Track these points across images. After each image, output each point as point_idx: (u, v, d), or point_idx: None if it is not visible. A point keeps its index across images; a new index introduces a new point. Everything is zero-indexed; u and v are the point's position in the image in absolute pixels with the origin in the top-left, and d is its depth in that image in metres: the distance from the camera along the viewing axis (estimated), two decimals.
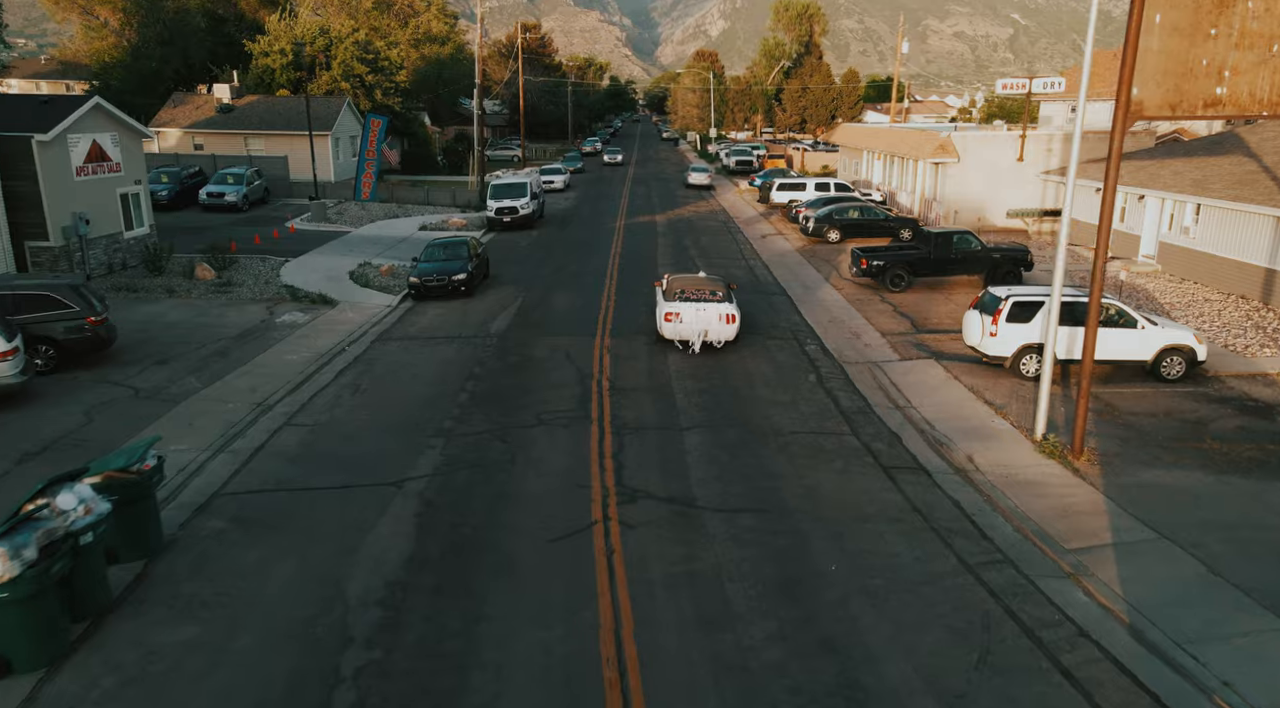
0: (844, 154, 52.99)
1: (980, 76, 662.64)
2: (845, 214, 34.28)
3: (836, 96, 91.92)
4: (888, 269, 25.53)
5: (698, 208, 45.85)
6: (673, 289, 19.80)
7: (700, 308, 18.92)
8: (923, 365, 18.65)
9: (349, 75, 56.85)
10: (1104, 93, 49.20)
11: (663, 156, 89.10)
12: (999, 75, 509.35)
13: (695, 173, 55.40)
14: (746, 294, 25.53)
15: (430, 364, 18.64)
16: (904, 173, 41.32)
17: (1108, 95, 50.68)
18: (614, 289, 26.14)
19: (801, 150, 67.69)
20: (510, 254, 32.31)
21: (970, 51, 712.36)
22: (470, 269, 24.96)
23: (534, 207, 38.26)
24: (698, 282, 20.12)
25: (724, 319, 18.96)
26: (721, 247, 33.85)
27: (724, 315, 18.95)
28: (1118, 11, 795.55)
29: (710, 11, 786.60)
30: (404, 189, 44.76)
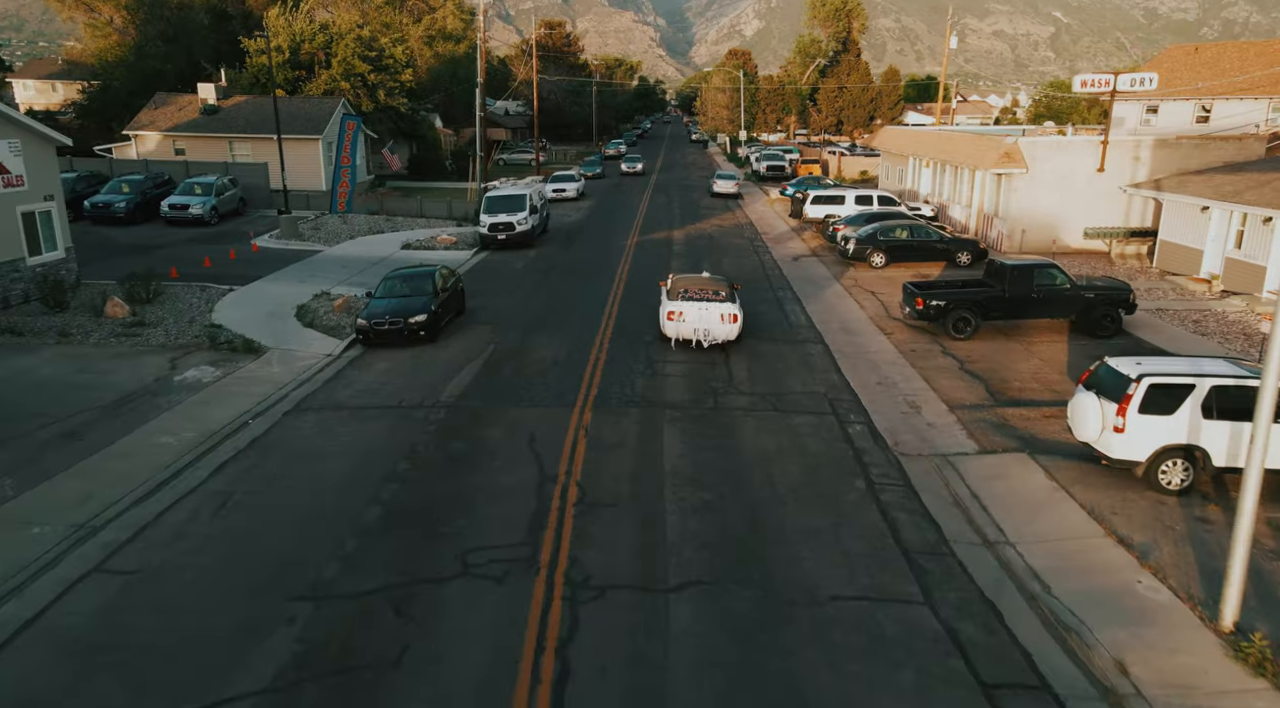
0: (886, 160, 47.57)
1: (1020, 76, 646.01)
2: (891, 234, 29.06)
3: (875, 96, 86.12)
4: (950, 311, 20.35)
5: (722, 222, 40.79)
6: (676, 288, 19.72)
7: (703, 307, 18.87)
8: (1013, 464, 13.52)
9: (349, 74, 52.66)
10: (1185, 92, 43.27)
11: (689, 160, 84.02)
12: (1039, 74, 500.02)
13: (721, 180, 50.34)
14: (775, 340, 20.51)
15: (345, 455, 13.93)
16: (958, 184, 35.90)
17: (1188, 95, 44.76)
18: (610, 331, 21.27)
19: (838, 155, 62.23)
20: (498, 280, 27.59)
21: (1010, 50, 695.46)
22: (434, 308, 20.26)
23: (534, 222, 33.56)
24: (701, 281, 20.10)
25: (726, 319, 18.82)
26: (745, 271, 28.80)
27: (726, 315, 18.82)
28: (1164, 9, 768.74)
29: (745, 11, 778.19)
30: (395, 199, 40.33)
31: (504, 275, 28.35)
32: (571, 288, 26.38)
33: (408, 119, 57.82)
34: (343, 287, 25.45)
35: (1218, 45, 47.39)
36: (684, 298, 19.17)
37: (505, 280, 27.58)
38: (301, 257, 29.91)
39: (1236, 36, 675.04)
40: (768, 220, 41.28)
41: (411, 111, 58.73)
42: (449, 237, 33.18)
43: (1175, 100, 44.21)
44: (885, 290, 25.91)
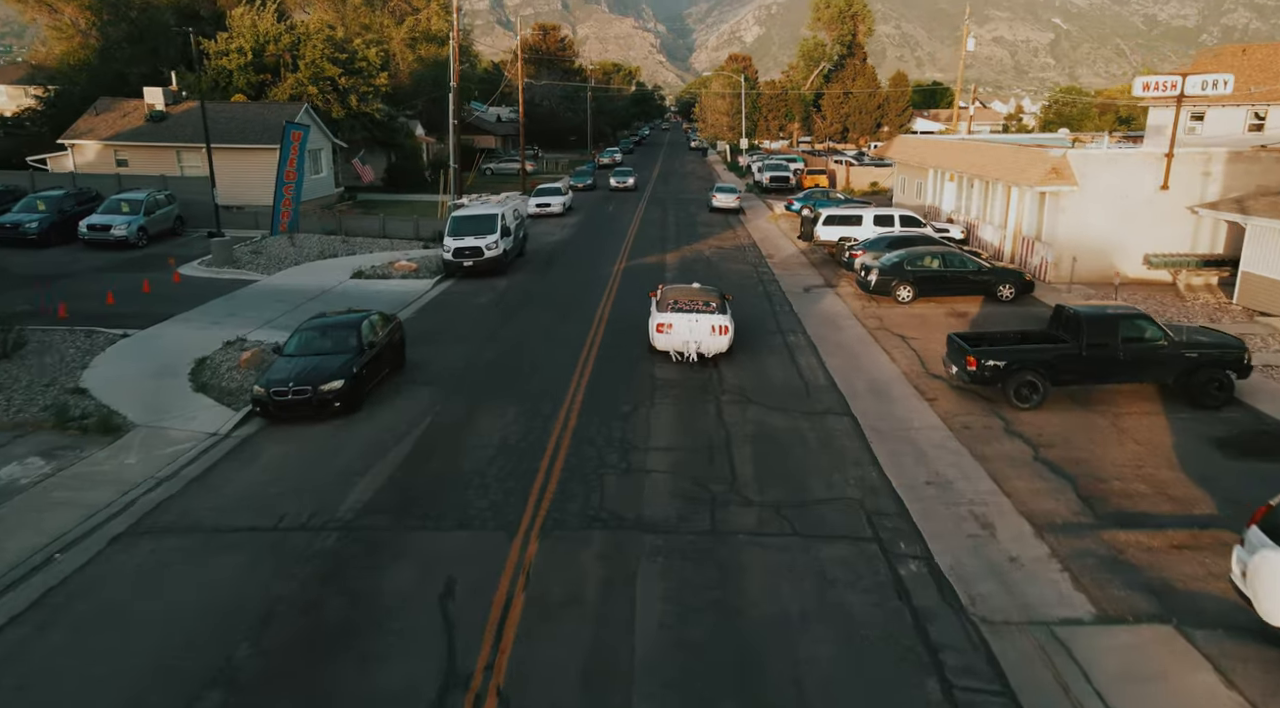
0: (902, 172, 43.15)
1: (1021, 82, 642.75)
2: (920, 263, 24.60)
3: (883, 103, 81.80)
4: (1012, 375, 15.88)
5: (721, 242, 36.35)
6: (666, 300, 19.14)
7: (694, 319, 18.40)
8: (1160, 648, 9.03)
9: (318, 78, 48.31)
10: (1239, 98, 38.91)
11: (688, 169, 79.63)
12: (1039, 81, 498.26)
13: (721, 194, 45.90)
14: (789, 410, 16.07)
15: (163, 624, 9.41)
16: (990, 201, 31.45)
17: (1240, 100, 40.33)
18: (580, 395, 16.84)
19: (846, 164, 57.84)
20: (456, 319, 23.15)
21: (1010, 56, 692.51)
22: (357, 370, 15.83)
23: (506, 246, 29.13)
24: (692, 293, 19.56)
25: (717, 330, 18.38)
26: (749, 307, 24.38)
27: (717, 327, 18.37)
28: (1163, 15, 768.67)
29: (745, 18, 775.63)
30: (356, 217, 35.91)
31: (464, 313, 23.90)
32: (542, 330, 21.93)
33: (384, 126, 53.46)
34: (265, 330, 20.99)
35: (1270, 46, 42.97)
36: (674, 309, 18.61)
37: (464, 320, 23.12)
38: (231, 288, 25.48)
39: (1236, 43, 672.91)
40: (773, 240, 36.83)
41: (388, 118, 54.39)
42: (408, 263, 28.73)
43: (1224, 106, 39.81)
44: (918, 333, 21.46)
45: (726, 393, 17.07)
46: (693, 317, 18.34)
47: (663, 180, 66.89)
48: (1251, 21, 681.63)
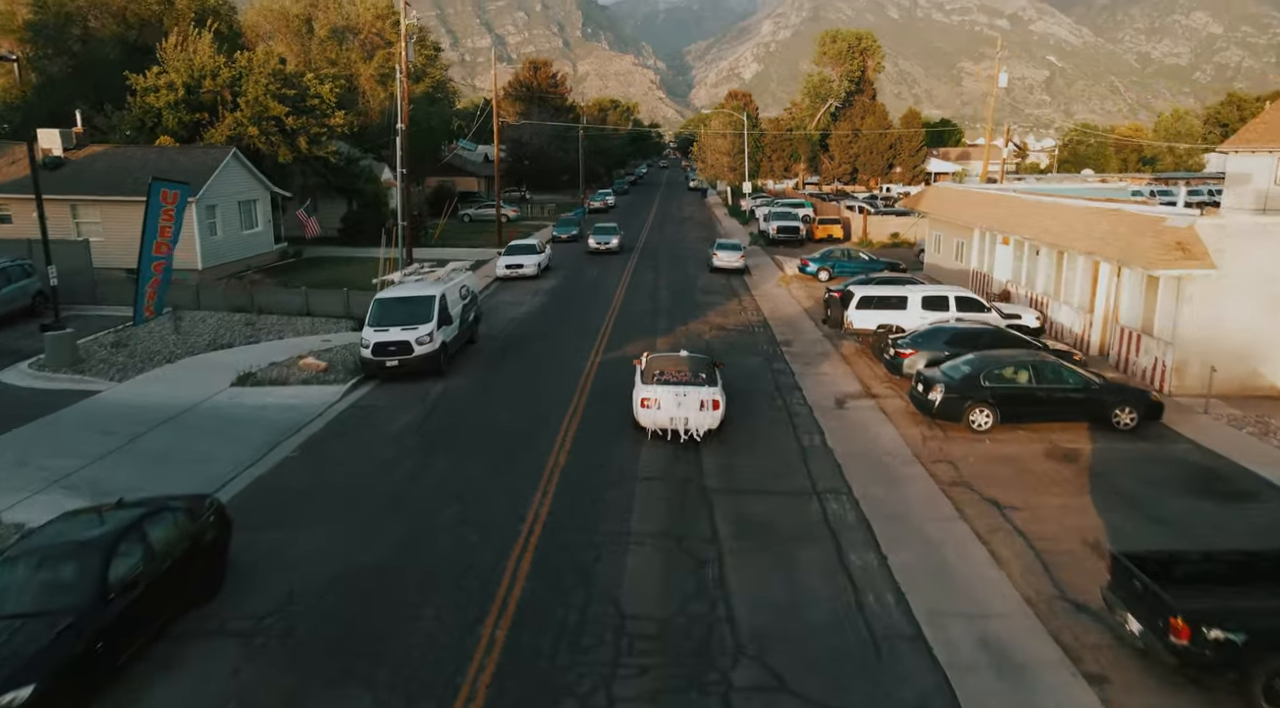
0: (935, 227, 36.34)
1: (1016, 118, 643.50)
2: (1001, 375, 17.55)
3: (895, 142, 75.57)
4: (1263, 660, 8.74)
5: (724, 319, 29.35)
6: (651, 370, 17.32)
7: (681, 393, 16.52)
8: None
9: (261, 118, 41.79)
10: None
11: (686, 213, 73.08)
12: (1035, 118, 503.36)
13: (723, 252, 39.06)
14: (845, 680, 8.93)
15: None
16: (1067, 275, 24.54)
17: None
18: (497, 656, 9.70)
19: (863, 213, 51.15)
20: (350, 463, 16.03)
21: (1006, 93, 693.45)
22: (71, 658, 8.71)
23: (447, 336, 22.18)
24: (678, 363, 17.64)
25: (707, 406, 16.41)
26: (766, 438, 17.37)
27: (707, 401, 16.42)
28: (1156, 54, 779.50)
29: (744, 55, 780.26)
30: (270, 291, 28.89)
31: (365, 450, 16.79)
32: (467, 487, 14.82)
33: (340, 171, 46.83)
34: (52, 494, 13.92)
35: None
36: (659, 382, 16.99)
37: (361, 466, 16.01)
38: (58, 404, 18.43)
39: (1229, 81, 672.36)
40: (786, 314, 29.84)
41: (346, 161, 47.80)
42: (315, 360, 21.69)
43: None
44: (1018, 496, 14.37)
45: (745, 662, 9.90)
46: (680, 390, 16.61)
47: (657, 228, 60.22)
48: (1244, 59, 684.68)
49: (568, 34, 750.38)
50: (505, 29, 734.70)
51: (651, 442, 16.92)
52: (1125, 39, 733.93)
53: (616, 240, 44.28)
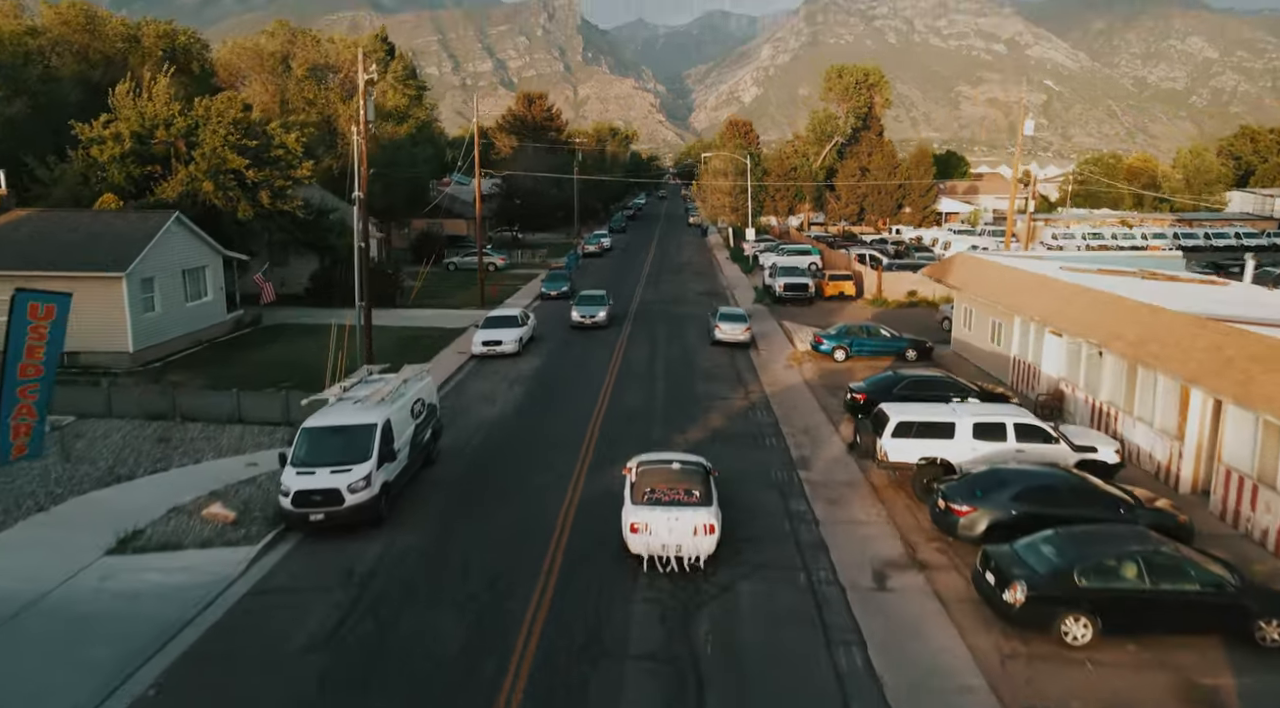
0: (964, 300, 32.06)
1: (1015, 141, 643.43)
2: (1102, 566, 13.20)
3: (904, 181, 71.65)
4: None
5: (729, 423, 24.91)
6: (641, 487, 15.78)
7: (673, 517, 15.06)
8: None
9: (219, 171, 37.74)
10: None
11: (685, 257, 68.93)
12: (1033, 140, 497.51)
13: (726, 324, 34.74)
14: None
15: None
16: (1148, 387, 20.21)
17: None
18: None
19: (876, 268, 46.92)
20: (222, 701, 11.69)
21: (1004, 117, 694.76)
22: None
23: (390, 474, 17.83)
24: (670, 477, 15.97)
25: (701, 530, 15.00)
26: (788, 637, 13.03)
27: (701, 526, 14.99)
28: (1153, 78, 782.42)
29: (743, 78, 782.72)
30: (196, 393, 24.38)
31: (244, 685, 12.38)
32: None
33: (308, 225, 42.69)
34: None
35: None
36: (649, 500, 15.36)
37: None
38: None
39: (1225, 105, 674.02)
40: (802, 416, 25.43)
41: (317, 214, 43.67)
42: (222, 511, 17.33)
43: None
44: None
45: None
46: (672, 514, 15.19)
47: (653, 281, 55.94)
48: (1240, 84, 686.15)
49: (568, 58, 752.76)
50: (506, 53, 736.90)
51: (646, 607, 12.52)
52: (1121, 63, 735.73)
53: (604, 313, 37.95)
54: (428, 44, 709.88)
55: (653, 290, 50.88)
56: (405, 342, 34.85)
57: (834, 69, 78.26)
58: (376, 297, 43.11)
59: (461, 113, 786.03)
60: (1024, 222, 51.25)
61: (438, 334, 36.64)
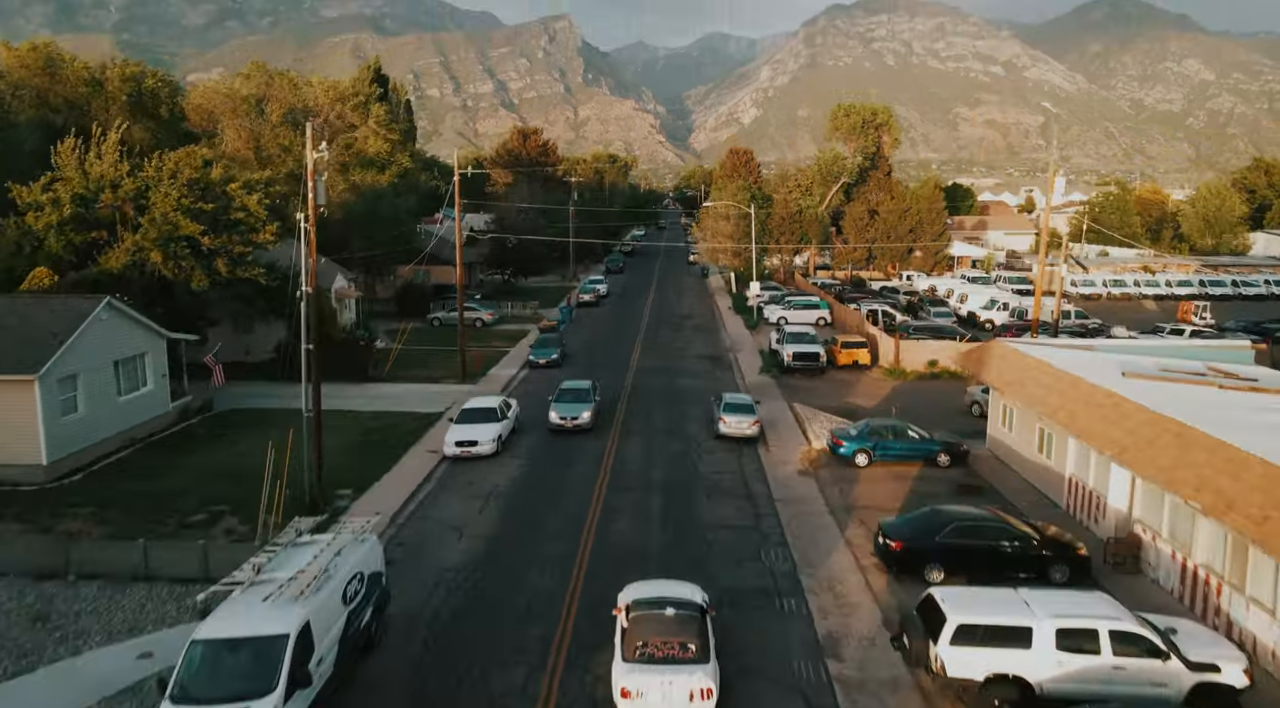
0: (1006, 400, 27.92)
1: (1013, 161, 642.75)
2: None
3: (916, 225, 67.85)
4: None
5: (737, 565, 20.75)
6: (633, 640, 14.48)
7: (668, 680, 13.84)
8: None
9: (170, 239, 33.89)
10: None
11: (685, 307, 64.99)
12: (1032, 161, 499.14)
13: (731, 416, 30.50)
14: None
15: None
16: (1254, 560, 16.13)
17: None
18: None
19: (895, 337, 42.85)
20: None
21: (1002, 137, 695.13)
22: None
23: (305, 703, 13.75)
24: (665, 627, 14.59)
25: (698, 696, 13.75)
26: None
27: (697, 691, 13.76)
28: (1149, 100, 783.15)
29: (743, 100, 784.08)
30: (96, 545, 19.95)
31: None
32: None
33: (274, 292, 38.77)
34: None
35: None
36: (642, 658, 14.20)
37: None
38: None
39: (1222, 127, 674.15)
40: (823, 551, 21.20)
41: (283, 277, 39.73)
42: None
43: None
44: None
45: None
46: (666, 677, 13.80)
47: (650, 339, 51.84)
48: (1237, 106, 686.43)
49: (569, 79, 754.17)
50: (507, 75, 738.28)
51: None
52: (1118, 85, 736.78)
53: (588, 414, 31.20)
54: (429, 65, 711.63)
55: (650, 354, 46.79)
56: (367, 437, 30.76)
57: (840, 108, 74.73)
58: (345, 370, 39.37)
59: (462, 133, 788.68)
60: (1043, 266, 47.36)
61: (408, 424, 32.54)
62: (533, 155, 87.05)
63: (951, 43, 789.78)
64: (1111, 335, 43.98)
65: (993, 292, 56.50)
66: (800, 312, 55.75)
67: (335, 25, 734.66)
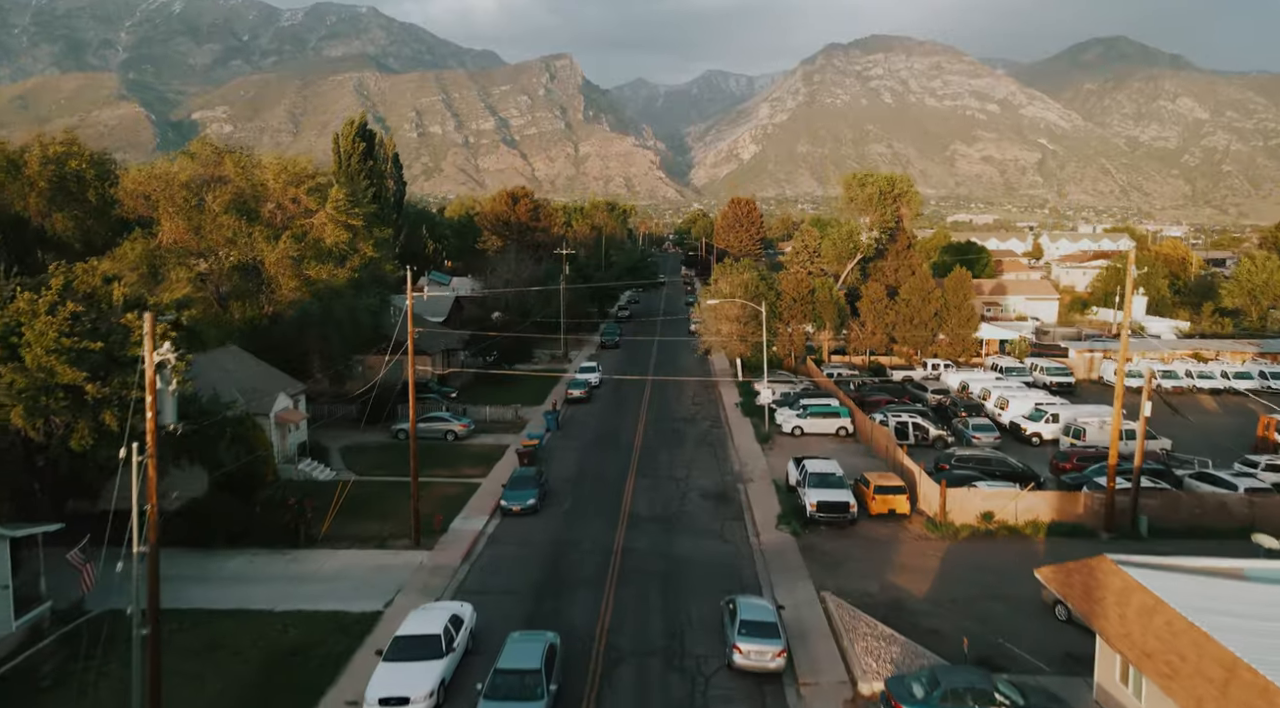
0: (1114, 652, 20.46)
1: (1011, 198, 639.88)
2: None
3: (940, 308, 60.84)
4: None
5: None
6: None
7: None
8: None
9: (46, 388, 26.68)
10: None
11: (685, 407, 57.57)
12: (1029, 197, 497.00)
13: (750, 641, 22.79)
14: None
15: None
16: None
17: None
18: None
19: (941, 488, 35.24)
20: None
21: (999, 174, 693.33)
22: None
23: None
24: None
25: None
26: None
27: None
28: (1145, 137, 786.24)
29: (742, 136, 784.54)
30: None
31: None
32: None
33: (190, 437, 31.42)
34: None
35: None
36: None
37: None
38: None
39: (1217, 164, 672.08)
40: None
41: (201, 412, 32.30)
42: None
43: None
44: None
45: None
46: None
47: (647, 469, 44.20)
48: (1232, 143, 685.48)
49: (569, 117, 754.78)
50: (509, 112, 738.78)
51: None
52: (1113, 123, 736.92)
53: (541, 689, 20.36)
54: (432, 103, 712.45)
55: (646, 491, 39.18)
56: (266, 672, 23.12)
57: (855, 178, 68.23)
58: (272, 539, 31.91)
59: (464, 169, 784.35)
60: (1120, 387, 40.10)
61: (332, 639, 24.91)
62: (523, 220, 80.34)
63: (948, 81, 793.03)
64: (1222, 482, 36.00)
65: (1037, 397, 49.22)
66: (818, 420, 48.54)
67: (339, 64, 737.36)
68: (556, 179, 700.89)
